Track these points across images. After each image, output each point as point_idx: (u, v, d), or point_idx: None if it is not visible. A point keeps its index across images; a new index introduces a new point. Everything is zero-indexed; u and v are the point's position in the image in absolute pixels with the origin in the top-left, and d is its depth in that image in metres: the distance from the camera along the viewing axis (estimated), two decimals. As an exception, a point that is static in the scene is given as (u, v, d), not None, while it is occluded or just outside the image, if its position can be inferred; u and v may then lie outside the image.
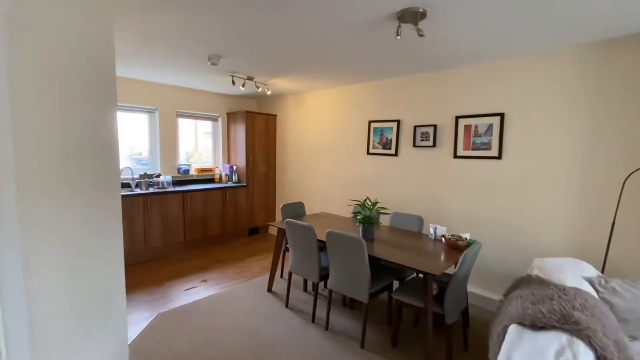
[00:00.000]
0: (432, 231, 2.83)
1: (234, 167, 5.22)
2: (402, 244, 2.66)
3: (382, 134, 3.94)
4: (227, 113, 5.38)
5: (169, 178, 4.43)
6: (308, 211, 4.94)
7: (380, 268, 2.78)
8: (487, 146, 3.09)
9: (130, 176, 4.32)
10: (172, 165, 4.81)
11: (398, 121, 3.76)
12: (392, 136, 3.83)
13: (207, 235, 4.68)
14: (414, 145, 3.61)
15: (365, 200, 2.78)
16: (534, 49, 2.67)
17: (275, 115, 5.42)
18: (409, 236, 2.89)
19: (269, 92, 4.30)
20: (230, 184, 5.09)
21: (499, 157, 3.02)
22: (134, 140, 4.58)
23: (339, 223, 3.31)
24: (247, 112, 4.99)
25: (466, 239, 2.58)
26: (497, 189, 3.05)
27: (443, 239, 2.61)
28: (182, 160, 5.15)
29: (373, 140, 4.03)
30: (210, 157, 5.45)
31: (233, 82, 3.73)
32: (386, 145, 3.90)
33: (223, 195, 4.82)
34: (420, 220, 3.12)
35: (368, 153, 4.09)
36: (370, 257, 2.37)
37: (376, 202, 2.75)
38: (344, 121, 4.38)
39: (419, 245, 2.62)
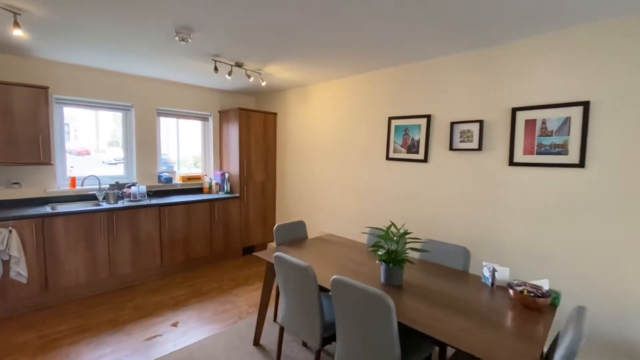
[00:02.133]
0: (487, 273, 1.94)
1: (226, 175, 4.42)
2: (445, 295, 1.77)
3: (406, 134, 3.06)
4: (219, 111, 4.60)
5: (143, 189, 3.66)
6: (311, 232, 4.09)
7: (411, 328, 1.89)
8: (561, 149, 2.18)
9: (96, 186, 3.56)
10: (151, 172, 4.04)
11: (428, 117, 2.88)
12: (420, 136, 2.94)
13: (190, 258, 3.87)
14: (451, 148, 2.72)
15: (389, 228, 1.91)
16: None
17: (275, 114, 4.60)
18: (451, 279, 2.00)
19: (263, 84, 3.50)
20: (221, 194, 4.29)
21: (581, 164, 2.10)
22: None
23: (350, 254, 2.45)
24: (240, 109, 4.19)
25: (549, 293, 1.67)
26: (579, 211, 2.12)
27: (511, 290, 1.71)
28: (188, 167, 4.48)
29: (394, 142, 3.16)
30: (208, 162, 4.68)
31: (216, 69, 2.93)
32: (412, 147, 3.01)
33: (210, 209, 4.02)
34: (465, 254, 2.22)
35: (388, 158, 3.21)
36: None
37: (406, 232, 1.87)
38: (357, 119, 3.53)
39: (472, 298, 1.73)
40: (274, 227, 2.71)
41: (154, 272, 3.61)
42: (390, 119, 3.17)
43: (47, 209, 3.04)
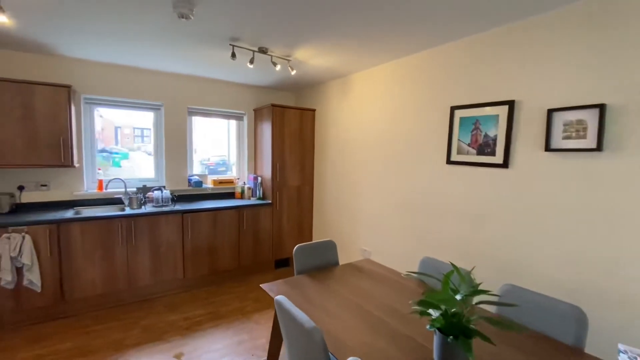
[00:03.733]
0: (630, 366, 1.09)
1: (259, 179, 3.99)
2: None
3: (476, 129, 2.24)
4: (254, 109, 4.21)
5: (167, 193, 3.38)
6: (349, 249, 3.43)
7: None
8: None
9: (122, 189, 3.38)
10: (181, 176, 3.79)
11: (511, 103, 2.03)
12: (498, 131, 2.11)
13: (215, 270, 3.50)
14: (548, 148, 1.85)
15: (449, 276, 1.18)
16: None
17: (313, 110, 4.05)
18: (558, 366, 1.19)
19: (293, 72, 2.94)
20: (253, 200, 3.87)
21: None
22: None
23: (390, 297, 1.75)
24: (273, 105, 3.72)
25: None
26: None
27: None
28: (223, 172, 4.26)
29: (459, 140, 2.35)
30: (243, 165, 4.33)
31: (233, 55, 2.47)
32: (485, 147, 2.19)
33: (239, 217, 3.61)
34: (578, 318, 1.37)
35: (449, 161, 2.42)
36: None
37: (478, 289, 1.12)
38: (408, 111, 2.78)
39: None
40: (294, 248, 2.13)
41: (175, 285, 3.30)
42: (453, 108, 2.38)
43: (70, 213, 2.89)
